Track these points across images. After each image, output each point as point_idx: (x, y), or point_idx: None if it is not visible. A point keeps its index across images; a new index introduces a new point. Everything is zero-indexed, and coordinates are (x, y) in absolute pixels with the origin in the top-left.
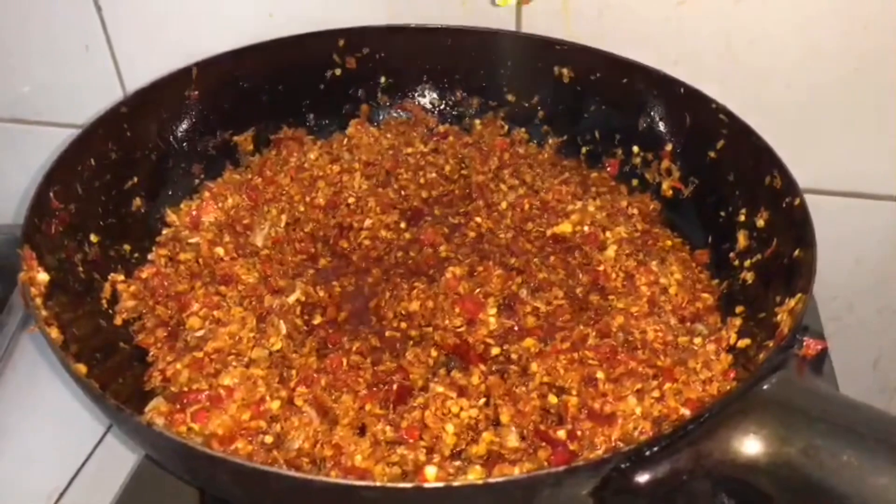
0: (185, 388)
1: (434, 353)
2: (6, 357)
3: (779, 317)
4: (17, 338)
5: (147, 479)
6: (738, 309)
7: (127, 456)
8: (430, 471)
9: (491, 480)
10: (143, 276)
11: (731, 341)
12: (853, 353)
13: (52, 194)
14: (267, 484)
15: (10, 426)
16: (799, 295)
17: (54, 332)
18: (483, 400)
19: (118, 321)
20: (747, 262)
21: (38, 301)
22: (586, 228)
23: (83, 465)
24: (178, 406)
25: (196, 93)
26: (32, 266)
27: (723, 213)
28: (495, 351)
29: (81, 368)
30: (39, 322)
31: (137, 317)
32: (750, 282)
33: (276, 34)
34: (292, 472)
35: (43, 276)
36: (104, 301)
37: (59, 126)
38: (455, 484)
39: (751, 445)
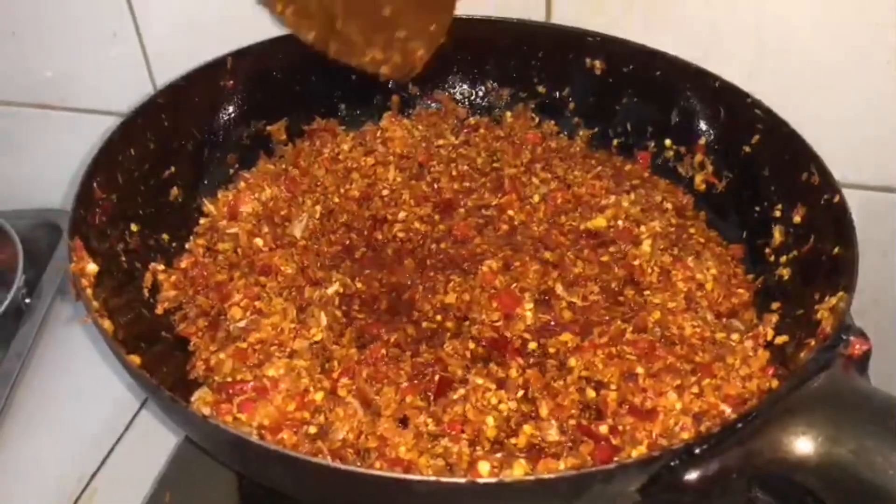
0: (230, 379)
1: (472, 345)
2: (37, 339)
3: (819, 314)
4: (46, 320)
5: (186, 462)
6: (774, 305)
7: (158, 438)
8: (484, 466)
9: (544, 476)
10: (183, 265)
11: (769, 337)
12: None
13: (95, 184)
14: (321, 476)
15: (41, 407)
16: (841, 293)
17: (106, 324)
18: (521, 393)
19: (160, 310)
20: (783, 258)
21: (89, 292)
22: (620, 223)
23: (115, 445)
24: (224, 396)
25: (231, 83)
26: (82, 257)
27: (757, 208)
28: (532, 346)
29: (135, 359)
30: (92, 313)
31: (178, 306)
32: (786, 278)
33: None
34: (351, 467)
35: (92, 267)
36: (145, 290)
37: (85, 112)
38: (508, 480)
39: (801, 445)
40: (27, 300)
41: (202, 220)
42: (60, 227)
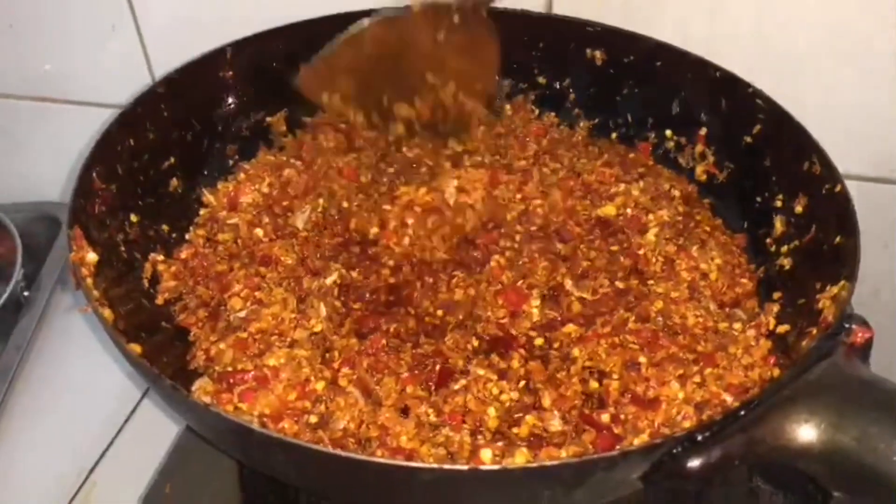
0: (230, 368)
1: (476, 342)
2: (36, 332)
3: (820, 303)
4: (46, 313)
5: (186, 452)
6: (776, 294)
7: (158, 430)
8: (486, 454)
9: (547, 463)
10: (183, 256)
11: (770, 326)
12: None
13: (94, 174)
14: (325, 465)
15: (41, 399)
16: (843, 282)
17: (107, 313)
18: (522, 383)
19: (160, 301)
20: (784, 248)
21: (90, 281)
22: (629, 211)
23: (115, 437)
24: (225, 385)
25: (230, 73)
26: (82, 246)
27: (759, 199)
28: (539, 342)
29: (136, 349)
30: (92, 303)
31: (178, 297)
32: (787, 267)
33: (305, 14)
34: (356, 455)
35: (92, 256)
36: (145, 281)
37: (84, 105)
38: (511, 466)
39: (804, 433)
40: (26, 293)
41: (202, 211)
42: (59, 220)
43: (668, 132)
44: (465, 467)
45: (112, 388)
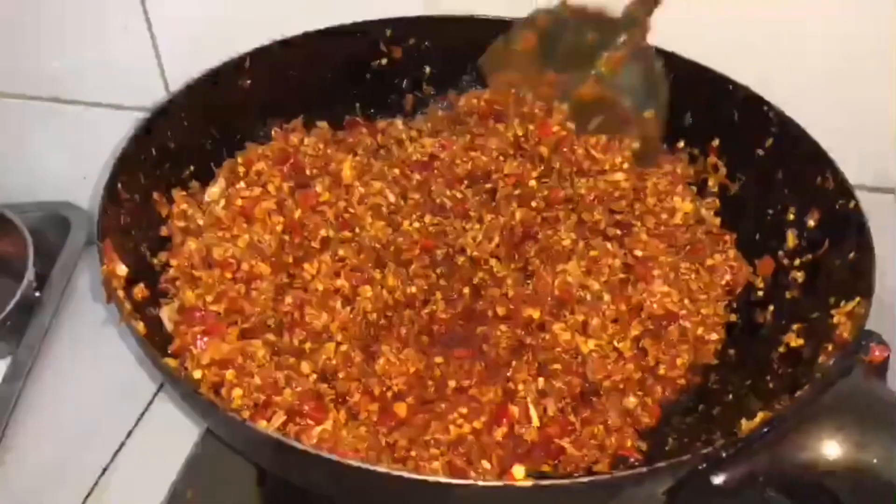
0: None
1: None
2: (48, 332)
3: (835, 319)
4: (58, 313)
5: (206, 458)
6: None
7: (167, 429)
8: (519, 471)
9: (579, 480)
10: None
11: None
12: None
13: (120, 185)
14: (357, 479)
15: (53, 398)
16: (858, 299)
17: (140, 326)
18: None
19: None
20: (797, 261)
21: (122, 294)
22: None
23: (127, 437)
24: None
25: (248, 82)
26: (113, 259)
27: (771, 211)
28: None
29: (171, 362)
30: (126, 316)
31: None
32: (800, 281)
33: (320, 23)
34: (396, 471)
35: (123, 269)
36: None
37: (94, 106)
38: (544, 483)
39: (828, 450)
40: (38, 293)
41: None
42: (69, 220)
43: (681, 143)
44: (500, 483)
45: (124, 386)
